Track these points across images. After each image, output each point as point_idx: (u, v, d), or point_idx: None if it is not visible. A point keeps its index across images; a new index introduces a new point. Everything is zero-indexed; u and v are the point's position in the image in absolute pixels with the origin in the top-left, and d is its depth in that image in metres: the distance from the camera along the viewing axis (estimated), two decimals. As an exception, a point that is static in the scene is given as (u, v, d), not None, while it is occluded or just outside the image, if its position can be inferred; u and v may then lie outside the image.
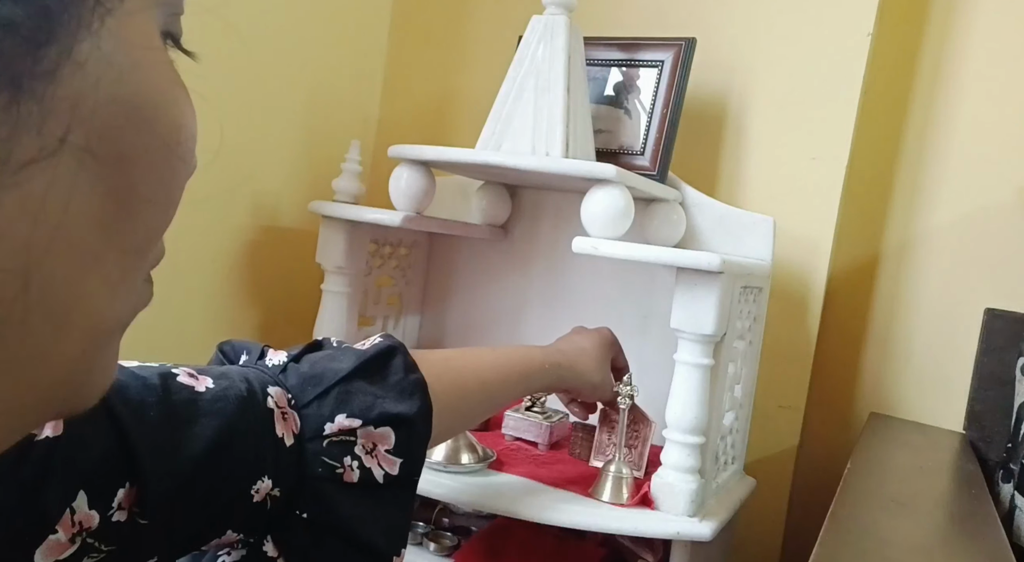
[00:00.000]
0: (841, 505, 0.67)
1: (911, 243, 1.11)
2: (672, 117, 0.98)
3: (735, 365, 0.89)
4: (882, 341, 1.12)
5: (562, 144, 0.87)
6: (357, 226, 1.00)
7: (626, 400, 0.83)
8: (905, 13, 1.10)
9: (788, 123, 1.07)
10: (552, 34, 0.90)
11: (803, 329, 1.07)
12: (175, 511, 0.41)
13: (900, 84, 1.11)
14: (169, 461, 0.40)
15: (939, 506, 0.75)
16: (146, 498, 0.39)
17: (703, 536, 0.77)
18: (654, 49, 1.01)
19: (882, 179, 1.13)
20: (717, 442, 0.85)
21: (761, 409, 1.02)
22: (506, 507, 0.78)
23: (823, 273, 1.05)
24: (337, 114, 1.26)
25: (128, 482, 0.39)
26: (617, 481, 0.80)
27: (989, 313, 1.01)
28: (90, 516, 0.37)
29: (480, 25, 1.30)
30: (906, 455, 0.91)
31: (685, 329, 0.77)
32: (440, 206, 1.11)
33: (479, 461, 0.84)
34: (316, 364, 0.51)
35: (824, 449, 1.12)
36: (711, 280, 0.76)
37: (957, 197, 1.08)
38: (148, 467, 0.39)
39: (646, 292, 1.04)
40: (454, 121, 1.32)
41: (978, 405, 1.00)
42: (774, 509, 1.08)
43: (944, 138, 1.09)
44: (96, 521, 0.37)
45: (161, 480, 0.40)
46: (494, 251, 1.17)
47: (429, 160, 0.93)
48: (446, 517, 0.98)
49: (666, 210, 0.98)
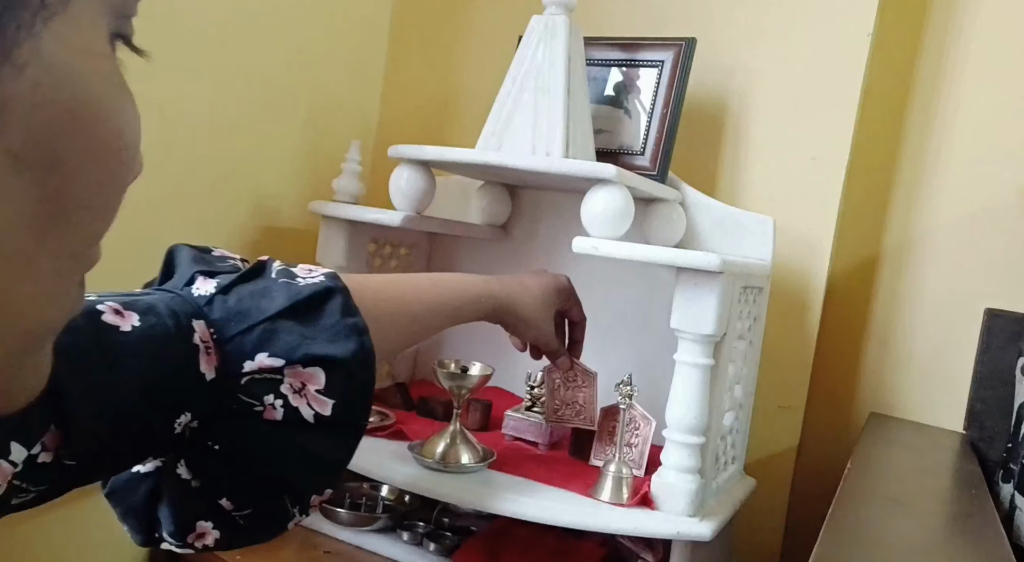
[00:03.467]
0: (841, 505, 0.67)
1: (911, 243, 1.11)
2: (672, 117, 0.98)
3: (735, 365, 0.89)
4: (882, 341, 1.12)
5: (562, 144, 0.87)
6: (357, 226, 1.00)
7: (625, 400, 0.83)
8: (905, 13, 1.10)
9: (788, 123, 1.07)
10: (552, 34, 0.90)
11: (803, 329, 1.07)
12: (102, 452, 0.42)
13: (900, 84, 1.11)
14: (96, 405, 0.40)
15: (939, 506, 0.75)
16: (72, 442, 0.39)
17: (703, 536, 0.77)
18: (654, 49, 1.01)
19: (882, 179, 1.13)
20: (717, 442, 0.85)
21: (761, 409, 1.02)
22: (506, 507, 0.78)
23: (823, 273, 1.05)
24: (337, 114, 1.26)
25: (54, 425, 0.39)
26: (617, 481, 0.80)
27: (989, 313, 1.01)
28: (14, 462, 0.38)
29: (480, 25, 1.30)
30: (906, 455, 0.91)
31: (685, 329, 0.77)
32: (440, 206, 1.11)
33: (479, 461, 0.84)
34: (244, 299, 0.50)
35: (824, 449, 1.12)
36: (711, 280, 0.76)
37: (957, 197, 1.08)
38: (77, 412, 0.39)
39: (646, 292, 1.04)
40: (454, 121, 1.32)
41: (978, 405, 1.00)
42: (774, 509, 1.08)
43: (944, 138, 1.09)
44: (20, 464, 0.38)
45: (88, 424, 0.40)
46: (494, 251, 1.17)
47: (429, 160, 0.93)
48: (446, 517, 0.98)
49: (666, 210, 0.98)
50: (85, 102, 0.21)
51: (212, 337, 0.47)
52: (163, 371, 0.43)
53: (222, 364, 0.47)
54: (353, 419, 0.51)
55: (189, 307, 0.47)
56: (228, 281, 0.50)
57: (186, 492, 0.49)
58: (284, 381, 0.49)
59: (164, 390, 0.44)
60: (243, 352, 0.48)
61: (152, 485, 0.50)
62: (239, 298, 0.50)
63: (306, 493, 0.51)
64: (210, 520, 0.50)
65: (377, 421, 0.94)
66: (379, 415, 0.96)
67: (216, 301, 0.49)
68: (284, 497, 0.50)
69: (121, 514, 0.51)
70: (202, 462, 0.48)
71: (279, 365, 0.48)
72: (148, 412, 0.43)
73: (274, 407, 0.48)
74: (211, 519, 0.50)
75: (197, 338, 0.46)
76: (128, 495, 0.50)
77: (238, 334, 0.48)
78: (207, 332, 0.47)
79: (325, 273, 0.54)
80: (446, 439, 0.85)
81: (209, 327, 0.47)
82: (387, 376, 1.15)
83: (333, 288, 0.53)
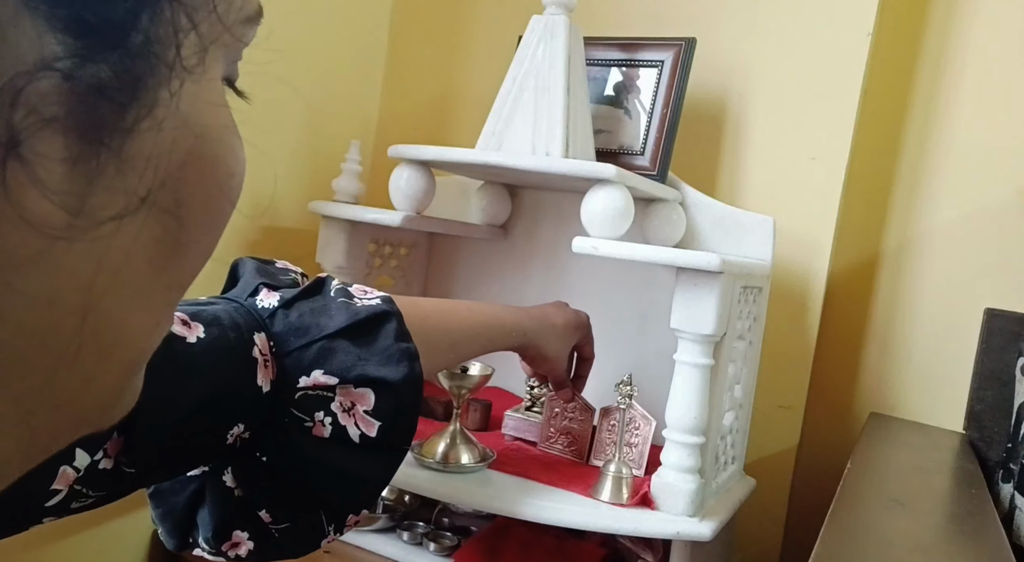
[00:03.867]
0: (841, 505, 0.67)
1: (911, 243, 1.11)
2: (672, 117, 0.98)
3: (735, 365, 0.89)
4: (882, 341, 1.12)
5: (562, 144, 0.87)
6: (357, 226, 1.00)
7: (625, 400, 0.83)
8: (905, 13, 1.10)
9: (788, 123, 1.07)
10: (552, 34, 0.90)
11: (803, 329, 1.07)
12: (161, 459, 0.43)
13: (900, 84, 1.11)
14: (159, 415, 0.41)
15: (939, 506, 0.75)
16: (134, 449, 0.40)
17: (703, 536, 0.77)
18: (654, 49, 1.01)
19: (882, 179, 1.13)
20: (717, 442, 0.85)
21: (761, 409, 1.02)
22: (506, 507, 0.78)
23: (823, 273, 1.05)
24: (337, 114, 1.26)
25: (116, 432, 0.40)
26: (617, 481, 0.80)
27: (989, 313, 1.01)
28: (78, 468, 0.39)
29: (480, 25, 1.30)
30: (906, 455, 0.91)
31: (685, 329, 0.77)
32: (440, 206, 1.11)
33: (479, 461, 0.84)
34: (305, 316, 0.51)
35: (824, 449, 1.12)
36: (711, 280, 0.76)
37: (957, 197, 1.08)
38: (141, 421, 0.40)
39: (646, 292, 1.04)
40: (454, 121, 1.32)
41: (978, 405, 1.00)
42: (774, 509, 1.08)
43: (944, 138, 1.09)
44: (83, 470, 0.39)
45: (151, 433, 0.41)
46: (494, 251, 1.17)
47: (429, 160, 0.93)
48: (446, 517, 0.98)
49: (666, 210, 0.98)
50: (209, 150, 0.23)
51: (271, 350, 0.49)
52: (223, 383, 0.44)
53: (278, 377, 0.49)
54: (397, 442, 0.52)
55: (252, 319, 0.49)
56: (290, 296, 0.51)
57: (228, 500, 0.50)
58: (335, 399, 0.50)
59: (222, 402, 0.45)
60: (300, 367, 0.49)
61: (196, 488, 0.51)
62: (300, 314, 0.51)
63: (343, 512, 0.52)
64: (247, 530, 0.51)
65: (377, 421, 0.94)
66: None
67: (278, 315, 0.50)
68: (321, 514, 0.51)
69: (160, 515, 0.52)
70: (248, 473, 0.49)
71: (333, 383, 0.50)
72: (206, 422, 0.45)
73: (323, 424, 0.49)
74: (248, 529, 0.51)
75: (256, 351, 0.47)
76: (171, 496, 0.51)
77: (296, 349, 0.50)
78: (267, 345, 0.49)
79: (381, 296, 0.56)
80: (446, 439, 0.85)
81: (269, 340, 0.49)
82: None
83: (389, 312, 0.54)
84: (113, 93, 0.19)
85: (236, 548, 0.51)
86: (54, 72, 0.18)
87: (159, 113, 0.20)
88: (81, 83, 0.18)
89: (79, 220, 0.19)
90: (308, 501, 0.50)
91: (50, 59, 0.17)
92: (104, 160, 0.19)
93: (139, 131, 0.20)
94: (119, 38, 0.19)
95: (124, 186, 0.20)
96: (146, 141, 0.20)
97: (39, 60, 0.17)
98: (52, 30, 0.18)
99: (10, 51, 0.17)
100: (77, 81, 0.18)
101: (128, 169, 0.20)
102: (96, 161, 0.19)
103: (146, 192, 0.21)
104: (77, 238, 0.19)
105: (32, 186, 0.18)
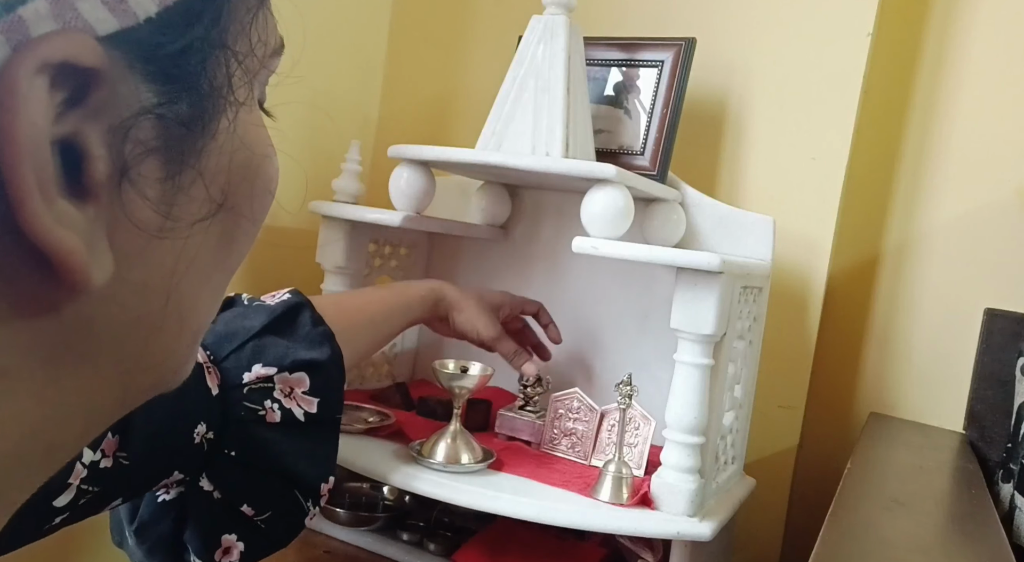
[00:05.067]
0: (841, 505, 0.67)
1: (911, 243, 1.11)
2: (672, 117, 0.98)
3: (735, 365, 0.89)
4: (882, 341, 1.12)
5: (562, 144, 0.87)
6: (357, 226, 1.00)
7: (625, 400, 0.83)
8: (905, 13, 1.10)
9: (788, 123, 1.07)
10: (552, 34, 0.90)
11: (803, 329, 1.07)
12: (153, 454, 0.49)
13: (900, 84, 1.11)
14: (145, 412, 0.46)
15: (939, 506, 0.75)
16: (130, 444, 0.46)
17: (703, 536, 0.77)
18: (654, 49, 1.01)
19: (882, 179, 1.13)
20: (717, 442, 0.85)
21: (761, 409, 1.02)
22: (506, 507, 0.78)
23: (823, 273, 1.05)
24: (337, 114, 1.26)
25: (111, 432, 0.46)
26: (617, 481, 0.80)
27: (989, 313, 1.01)
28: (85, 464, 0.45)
29: (480, 25, 1.30)
30: (906, 455, 0.91)
31: (685, 329, 0.77)
32: (440, 206, 1.11)
33: (479, 461, 0.84)
34: (230, 323, 0.58)
35: (824, 449, 1.12)
36: (711, 280, 0.76)
37: (957, 197, 1.08)
38: (135, 419, 0.46)
39: (646, 292, 1.04)
40: (454, 121, 1.32)
41: (978, 405, 1.00)
42: (774, 509, 1.08)
43: (944, 138, 1.09)
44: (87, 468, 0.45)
45: (141, 429, 0.47)
46: (494, 251, 1.17)
47: (429, 160, 0.93)
48: (446, 517, 0.98)
49: (666, 210, 0.98)
50: (254, 161, 0.29)
51: (209, 358, 0.55)
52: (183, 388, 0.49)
53: (223, 380, 0.55)
54: (332, 413, 0.60)
55: None
56: None
57: (210, 507, 0.55)
58: (276, 387, 0.57)
59: (187, 400, 0.52)
60: (240, 366, 0.56)
61: (177, 512, 0.56)
62: (224, 323, 0.59)
63: (315, 483, 0.58)
64: (234, 532, 0.56)
65: (377, 421, 0.94)
66: (379, 415, 0.96)
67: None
68: (296, 492, 0.57)
69: (147, 551, 0.56)
70: (222, 470, 0.55)
71: (272, 373, 0.56)
72: (177, 419, 0.51)
73: (273, 410, 0.56)
74: (235, 530, 0.56)
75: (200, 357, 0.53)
76: (155, 526, 0.56)
77: (232, 352, 0.57)
78: (203, 354, 0.55)
79: (290, 291, 0.64)
80: (446, 439, 0.85)
81: (205, 350, 0.56)
82: (387, 376, 1.15)
83: (301, 303, 0.62)
84: (191, 125, 0.24)
85: (228, 554, 0.56)
86: (152, 115, 0.23)
87: (220, 137, 0.26)
88: (169, 120, 0.23)
89: (170, 222, 0.24)
90: (280, 482, 0.56)
91: (149, 105, 0.23)
92: (186, 176, 0.25)
93: (209, 152, 0.25)
94: (192, 83, 0.24)
95: (202, 195, 0.26)
96: (214, 159, 0.26)
97: (140, 107, 0.22)
98: (147, 82, 0.23)
99: (121, 101, 0.22)
100: (167, 119, 0.23)
101: (204, 182, 0.25)
102: (180, 177, 0.24)
103: (222, 199, 0.26)
104: (167, 237, 0.24)
105: (139, 199, 0.23)
